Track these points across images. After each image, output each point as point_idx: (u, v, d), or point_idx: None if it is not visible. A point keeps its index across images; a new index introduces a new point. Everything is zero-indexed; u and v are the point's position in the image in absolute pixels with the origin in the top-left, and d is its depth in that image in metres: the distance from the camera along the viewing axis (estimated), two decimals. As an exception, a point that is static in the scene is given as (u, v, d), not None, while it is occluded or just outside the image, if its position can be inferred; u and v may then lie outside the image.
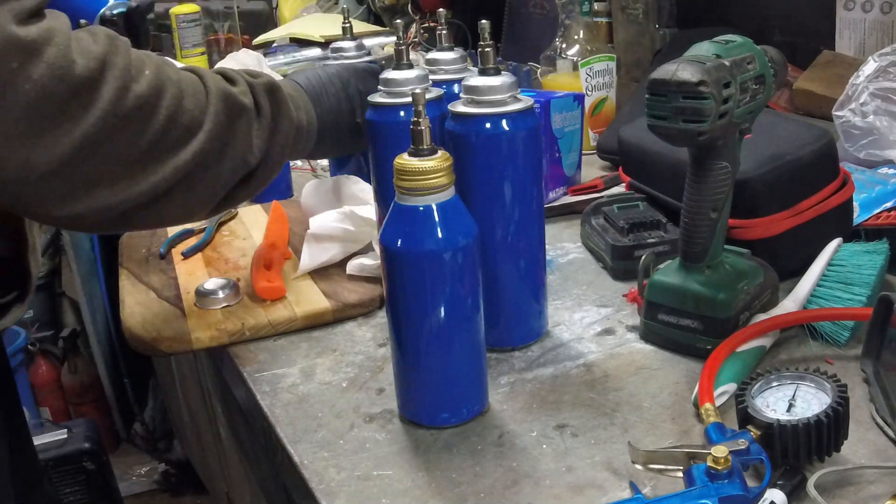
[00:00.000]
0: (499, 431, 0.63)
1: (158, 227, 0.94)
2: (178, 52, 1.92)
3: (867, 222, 0.84)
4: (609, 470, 0.58)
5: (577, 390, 0.68)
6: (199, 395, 1.41)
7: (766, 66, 0.67)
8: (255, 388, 0.72)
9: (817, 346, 0.71)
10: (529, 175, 0.70)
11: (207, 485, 1.88)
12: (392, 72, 0.77)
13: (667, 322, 0.71)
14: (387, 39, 1.88)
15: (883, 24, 1.16)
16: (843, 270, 0.75)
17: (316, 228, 0.88)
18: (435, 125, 0.64)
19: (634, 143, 0.96)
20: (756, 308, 0.72)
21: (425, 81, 0.78)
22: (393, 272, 0.61)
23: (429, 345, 0.61)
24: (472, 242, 0.60)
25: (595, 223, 0.93)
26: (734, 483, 0.50)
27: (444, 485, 0.58)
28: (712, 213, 0.68)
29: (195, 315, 0.83)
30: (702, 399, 0.60)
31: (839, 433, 0.54)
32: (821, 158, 0.82)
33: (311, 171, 1.34)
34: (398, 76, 0.77)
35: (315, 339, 0.80)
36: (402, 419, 0.65)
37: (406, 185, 0.59)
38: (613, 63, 1.32)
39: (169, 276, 0.93)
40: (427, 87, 0.78)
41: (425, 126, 0.59)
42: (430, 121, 0.59)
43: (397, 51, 0.78)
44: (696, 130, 0.62)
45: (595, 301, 0.83)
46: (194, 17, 1.93)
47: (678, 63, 0.63)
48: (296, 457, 0.62)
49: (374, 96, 0.78)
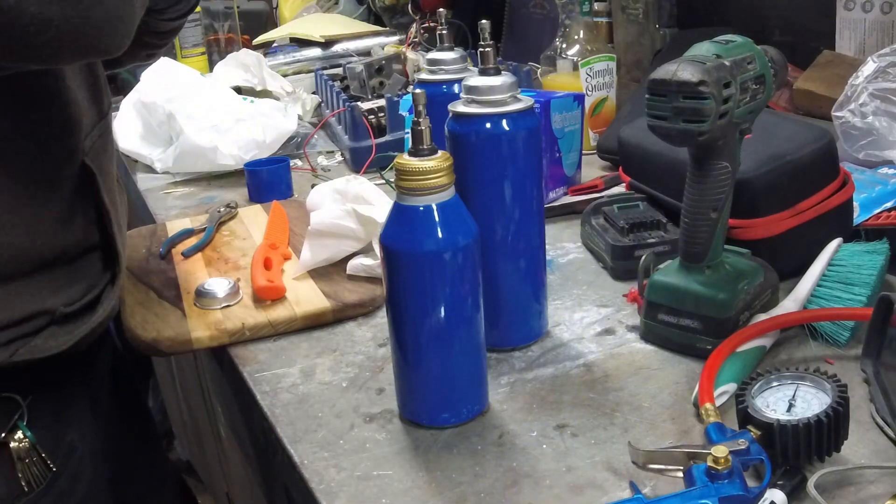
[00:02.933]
0: (499, 431, 0.63)
1: None
2: (179, 52, 1.92)
3: (867, 222, 0.84)
4: (609, 470, 0.58)
5: (577, 390, 0.68)
6: (199, 395, 1.41)
7: (766, 66, 0.67)
8: (255, 388, 0.72)
9: (817, 346, 0.71)
10: (530, 175, 0.70)
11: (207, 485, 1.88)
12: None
13: (667, 322, 0.71)
14: (387, 39, 1.88)
15: (883, 24, 1.16)
16: (843, 270, 0.75)
17: (317, 224, 0.88)
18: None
19: (634, 143, 0.95)
20: (756, 308, 0.72)
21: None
22: (393, 272, 0.61)
23: (429, 345, 0.61)
24: (472, 242, 0.60)
25: (595, 223, 0.93)
26: (734, 483, 0.50)
27: (444, 485, 0.58)
28: (712, 213, 0.68)
29: (195, 315, 0.83)
30: (702, 399, 0.60)
31: (839, 433, 0.54)
32: (821, 158, 0.82)
33: (311, 171, 1.34)
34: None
35: (315, 339, 0.80)
36: (402, 419, 0.65)
37: (406, 185, 0.59)
38: (613, 63, 1.32)
39: (169, 276, 0.93)
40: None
41: (425, 126, 0.59)
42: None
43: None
44: (696, 130, 0.62)
45: (595, 301, 0.83)
46: (194, 17, 1.93)
47: (678, 63, 0.63)
48: (296, 457, 0.62)
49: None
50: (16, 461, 0.73)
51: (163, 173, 1.37)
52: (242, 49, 1.69)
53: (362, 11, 2.23)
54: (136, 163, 1.41)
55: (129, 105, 1.41)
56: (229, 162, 1.28)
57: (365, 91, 1.44)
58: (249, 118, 1.33)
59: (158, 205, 1.25)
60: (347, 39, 1.90)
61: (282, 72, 1.76)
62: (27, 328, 0.71)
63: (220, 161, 1.28)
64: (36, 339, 0.72)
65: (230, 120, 1.31)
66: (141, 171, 1.40)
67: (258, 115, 1.35)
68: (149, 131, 1.39)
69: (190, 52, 1.93)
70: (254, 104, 1.41)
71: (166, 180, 1.35)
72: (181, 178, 1.35)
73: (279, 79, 1.63)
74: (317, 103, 1.60)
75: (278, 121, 1.35)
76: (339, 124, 1.40)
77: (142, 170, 1.40)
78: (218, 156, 1.28)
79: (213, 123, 1.30)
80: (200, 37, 1.94)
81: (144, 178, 1.37)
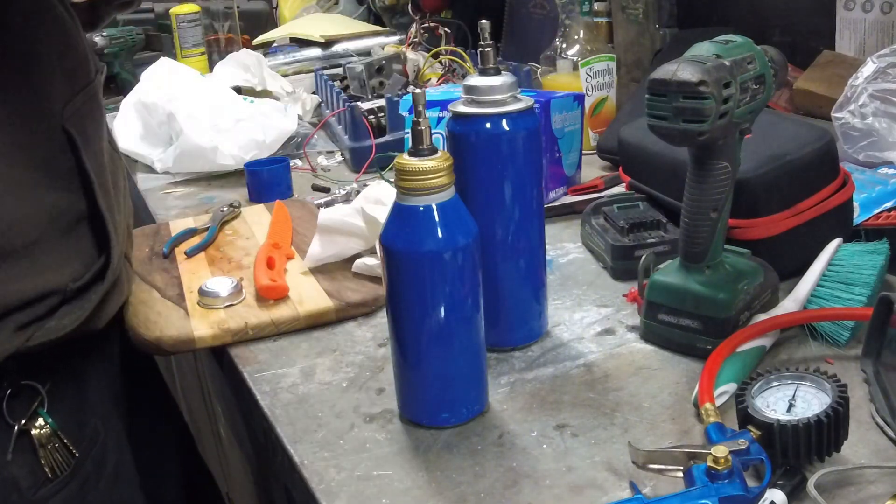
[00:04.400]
0: (499, 431, 0.63)
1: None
2: (178, 52, 1.92)
3: (867, 222, 0.84)
4: (609, 470, 0.58)
5: (577, 390, 0.68)
6: (199, 395, 1.41)
7: (766, 66, 0.67)
8: (255, 388, 0.72)
9: (817, 346, 0.71)
10: (529, 175, 0.70)
11: (208, 484, 1.88)
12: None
13: (667, 322, 0.71)
14: (387, 39, 1.88)
15: (883, 24, 1.16)
16: (843, 270, 0.75)
17: (325, 220, 0.88)
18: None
19: (634, 143, 0.96)
20: (756, 308, 0.72)
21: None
22: (393, 272, 0.61)
23: (429, 345, 0.61)
24: (472, 242, 0.60)
25: (595, 223, 0.93)
26: (734, 483, 0.50)
27: (444, 485, 0.58)
28: (712, 213, 0.68)
29: (198, 314, 0.83)
30: (702, 399, 0.60)
31: (839, 433, 0.54)
32: (821, 158, 0.82)
33: (311, 170, 1.34)
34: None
35: (315, 339, 0.80)
36: (402, 419, 0.65)
37: (406, 185, 0.59)
38: (613, 63, 1.32)
39: (172, 276, 0.93)
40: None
41: (425, 126, 0.59)
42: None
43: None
44: (696, 130, 0.62)
45: (595, 301, 0.83)
46: (194, 17, 1.93)
47: (678, 63, 0.63)
48: (296, 457, 0.62)
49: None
50: (38, 448, 0.74)
51: (163, 173, 1.37)
52: (242, 49, 1.69)
53: (362, 11, 2.23)
54: (136, 163, 1.41)
55: (129, 105, 1.41)
56: (229, 162, 1.28)
57: (365, 91, 1.44)
58: (249, 118, 1.33)
59: (158, 205, 1.25)
60: (347, 39, 1.90)
61: (282, 72, 1.76)
62: (41, 309, 0.72)
63: (220, 161, 1.28)
64: (50, 321, 0.73)
65: (230, 120, 1.31)
66: (141, 171, 1.40)
67: (258, 115, 1.35)
68: (149, 131, 1.39)
69: (190, 52, 1.93)
70: (254, 104, 1.41)
71: (166, 180, 1.35)
72: (181, 178, 1.35)
73: (279, 79, 1.63)
74: (317, 103, 1.60)
75: (278, 121, 1.35)
76: (339, 124, 1.40)
77: (142, 170, 1.40)
78: (218, 156, 1.28)
79: (213, 123, 1.30)
80: (200, 37, 1.94)
81: (144, 179, 1.37)
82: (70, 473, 0.76)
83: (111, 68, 1.94)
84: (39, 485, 0.74)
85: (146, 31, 2.13)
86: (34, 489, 0.74)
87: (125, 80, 1.95)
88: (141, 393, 0.93)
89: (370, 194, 0.90)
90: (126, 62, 2.00)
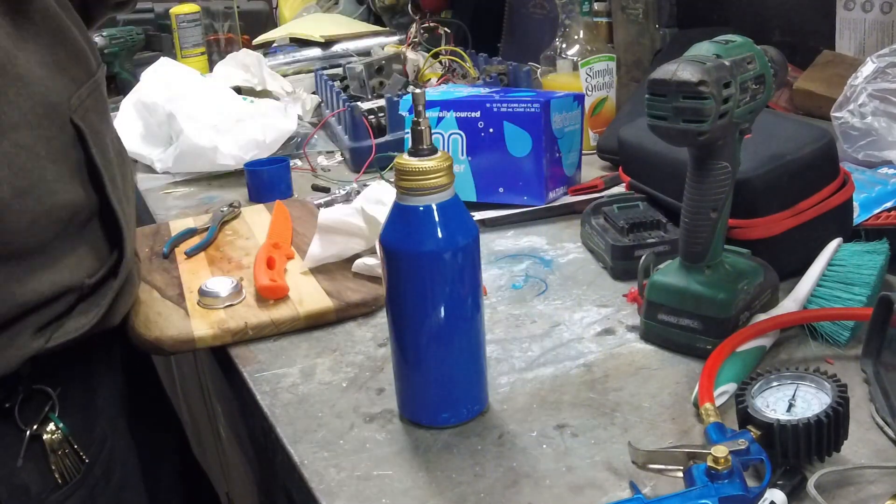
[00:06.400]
0: (499, 431, 0.63)
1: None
2: (178, 52, 1.92)
3: (867, 222, 0.84)
4: (609, 470, 0.58)
5: (577, 390, 0.68)
6: (199, 395, 1.41)
7: (766, 66, 0.67)
8: (255, 388, 0.72)
9: (817, 346, 0.71)
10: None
11: (208, 484, 1.88)
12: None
13: (667, 322, 0.71)
14: (387, 39, 1.88)
15: (883, 24, 1.16)
16: (843, 270, 0.75)
17: (325, 219, 0.88)
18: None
19: (634, 143, 0.96)
20: (756, 308, 0.72)
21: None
22: (393, 272, 0.61)
23: (429, 345, 0.61)
24: (471, 242, 0.60)
25: (595, 223, 0.93)
26: (734, 483, 0.50)
27: (444, 485, 0.58)
28: (712, 213, 0.68)
29: (198, 314, 0.83)
30: (702, 399, 0.60)
31: (839, 433, 0.54)
32: (821, 158, 0.82)
33: (311, 170, 1.34)
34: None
35: (315, 339, 0.80)
36: (402, 419, 0.65)
37: (406, 185, 0.59)
38: (613, 63, 1.32)
39: (172, 276, 0.93)
40: None
41: (425, 126, 0.59)
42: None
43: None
44: (696, 130, 0.62)
45: (595, 301, 0.83)
46: (194, 17, 1.93)
47: (678, 63, 0.63)
48: (296, 457, 0.62)
49: None
50: (49, 453, 0.73)
51: (163, 173, 1.37)
52: (242, 49, 1.69)
53: (362, 11, 2.23)
54: (136, 163, 1.41)
55: (129, 105, 1.41)
56: (229, 162, 1.28)
57: (365, 91, 1.44)
58: (249, 118, 1.33)
59: (158, 205, 1.25)
60: (347, 39, 1.90)
61: (282, 72, 1.76)
62: (58, 308, 0.71)
63: (220, 161, 1.28)
64: (68, 321, 0.72)
65: (230, 120, 1.31)
66: (141, 171, 1.40)
67: (258, 115, 1.35)
68: (149, 131, 1.39)
69: (190, 52, 1.93)
70: (254, 104, 1.41)
71: (166, 180, 1.35)
72: (181, 178, 1.35)
73: (279, 79, 1.63)
74: (317, 103, 1.60)
75: (278, 121, 1.35)
76: (339, 124, 1.40)
77: (142, 170, 1.40)
78: (218, 156, 1.28)
79: (213, 123, 1.30)
80: (200, 37, 1.94)
81: (144, 179, 1.37)
82: (80, 479, 0.75)
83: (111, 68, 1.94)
84: (49, 491, 0.73)
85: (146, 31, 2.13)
86: (44, 495, 0.73)
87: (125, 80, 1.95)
88: (141, 397, 0.93)
89: (370, 194, 0.90)
90: (126, 62, 1.99)
